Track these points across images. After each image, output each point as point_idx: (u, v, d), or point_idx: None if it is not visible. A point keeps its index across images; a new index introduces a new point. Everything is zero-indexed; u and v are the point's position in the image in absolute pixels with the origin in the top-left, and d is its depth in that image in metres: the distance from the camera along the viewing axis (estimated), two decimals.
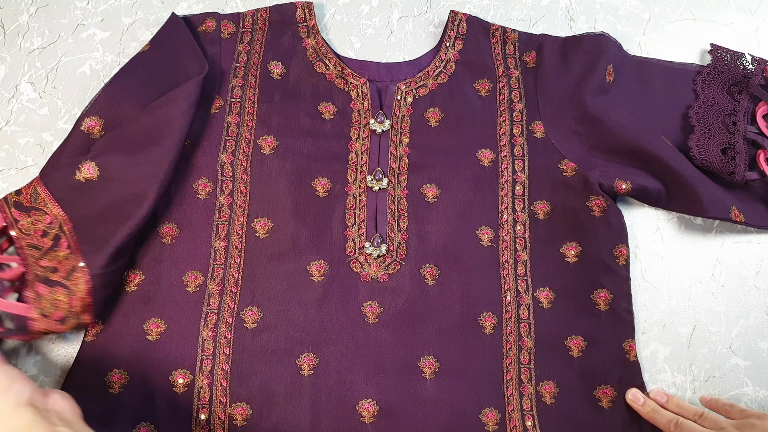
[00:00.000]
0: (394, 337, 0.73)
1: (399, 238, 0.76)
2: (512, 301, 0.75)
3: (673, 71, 0.88)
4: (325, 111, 0.81)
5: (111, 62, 0.86)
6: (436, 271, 0.75)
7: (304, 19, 0.86)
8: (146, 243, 0.74)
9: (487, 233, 0.77)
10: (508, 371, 0.73)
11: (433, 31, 0.90)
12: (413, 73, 0.85)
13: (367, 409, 0.70)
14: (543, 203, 0.79)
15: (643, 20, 0.93)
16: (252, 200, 0.77)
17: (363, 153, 0.80)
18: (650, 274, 0.80)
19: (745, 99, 0.85)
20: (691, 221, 0.82)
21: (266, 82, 0.82)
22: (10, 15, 0.88)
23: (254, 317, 0.73)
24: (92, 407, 0.67)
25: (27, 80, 0.85)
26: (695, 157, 0.80)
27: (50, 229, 0.70)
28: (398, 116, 0.81)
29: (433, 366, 0.72)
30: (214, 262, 0.74)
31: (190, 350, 0.71)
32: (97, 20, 0.89)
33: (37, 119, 0.83)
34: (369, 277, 0.75)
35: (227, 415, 0.69)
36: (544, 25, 0.92)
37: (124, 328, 0.71)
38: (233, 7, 0.90)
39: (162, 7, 0.90)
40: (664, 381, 0.75)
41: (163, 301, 0.72)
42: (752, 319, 0.79)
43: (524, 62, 0.86)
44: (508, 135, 0.82)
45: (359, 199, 0.78)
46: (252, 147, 0.79)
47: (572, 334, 0.74)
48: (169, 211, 0.76)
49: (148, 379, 0.70)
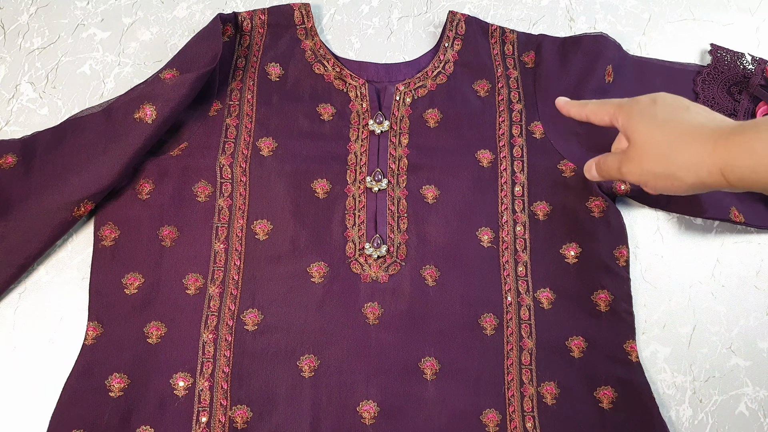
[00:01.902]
0: (394, 338, 0.73)
1: (399, 239, 0.76)
2: (513, 302, 0.75)
3: (673, 71, 0.87)
4: (324, 112, 0.81)
5: (111, 62, 0.86)
6: (436, 272, 0.75)
7: (302, 21, 0.86)
8: (145, 246, 0.75)
9: (487, 234, 0.77)
10: (509, 372, 0.73)
11: (433, 32, 0.90)
12: (412, 73, 0.85)
13: (367, 411, 0.70)
14: (543, 204, 0.79)
15: (643, 20, 0.93)
16: (251, 202, 0.77)
17: (362, 154, 0.80)
18: (650, 274, 0.80)
19: (745, 99, 0.85)
20: (691, 221, 0.82)
21: (264, 84, 0.82)
22: (10, 15, 0.88)
23: (255, 319, 0.73)
24: (92, 411, 0.68)
25: (27, 80, 0.85)
26: None
27: None
28: (397, 117, 0.81)
29: (434, 367, 0.72)
30: (214, 264, 0.74)
31: (190, 353, 0.71)
32: (97, 20, 0.88)
33: (37, 119, 0.83)
34: (369, 278, 0.75)
35: (228, 418, 0.69)
36: (544, 25, 0.91)
37: (124, 331, 0.71)
38: (233, 7, 0.90)
39: (162, 7, 0.90)
40: (664, 381, 0.75)
41: (164, 304, 0.73)
42: (752, 319, 0.79)
43: (523, 62, 0.86)
44: (507, 135, 0.82)
45: (359, 200, 0.78)
46: (251, 149, 0.79)
47: (573, 335, 0.74)
48: (168, 213, 0.76)
49: (148, 382, 0.70)
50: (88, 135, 0.76)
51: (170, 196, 0.76)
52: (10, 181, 0.74)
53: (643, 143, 0.55)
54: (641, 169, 0.55)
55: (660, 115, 0.55)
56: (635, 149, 0.56)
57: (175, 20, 0.89)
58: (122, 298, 0.73)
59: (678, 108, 0.55)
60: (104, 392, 0.69)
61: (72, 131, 0.77)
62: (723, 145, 0.50)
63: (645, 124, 0.55)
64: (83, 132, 0.77)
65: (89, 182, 0.73)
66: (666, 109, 0.55)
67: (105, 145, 0.75)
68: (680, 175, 0.52)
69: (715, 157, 0.50)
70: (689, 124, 0.53)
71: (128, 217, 0.76)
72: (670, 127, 0.53)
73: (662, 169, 0.53)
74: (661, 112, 0.55)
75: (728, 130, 0.51)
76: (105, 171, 0.73)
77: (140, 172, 0.77)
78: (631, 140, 0.57)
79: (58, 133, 0.77)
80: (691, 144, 0.51)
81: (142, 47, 0.88)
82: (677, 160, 0.52)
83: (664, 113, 0.55)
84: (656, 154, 0.54)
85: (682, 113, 0.54)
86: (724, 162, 0.49)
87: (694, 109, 0.54)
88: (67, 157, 0.75)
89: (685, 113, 0.54)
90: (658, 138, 0.54)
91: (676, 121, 0.54)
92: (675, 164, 0.52)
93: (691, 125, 0.53)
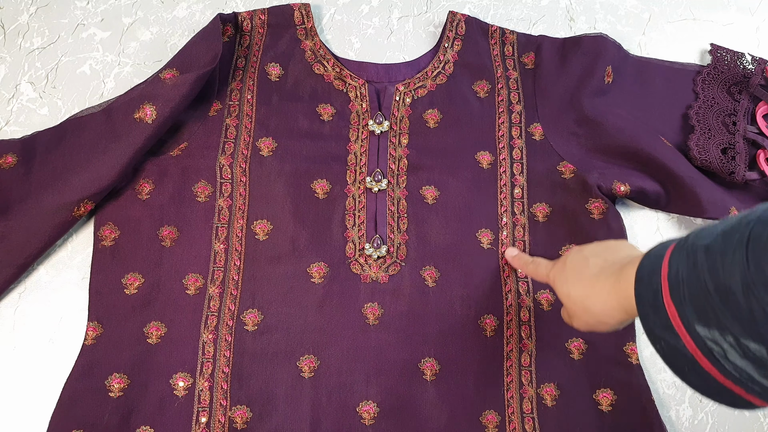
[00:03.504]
0: (394, 338, 0.73)
1: (399, 239, 0.76)
2: (513, 303, 0.75)
3: (673, 71, 0.87)
4: (324, 112, 0.81)
5: (111, 62, 0.86)
6: (436, 272, 0.75)
7: (302, 21, 0.86)
8: (145, 246, 0.75)
9: (487, 236, 0.77)
10: (508, 374, 0.73)
11: (433, 31, 0.90)
12: (412, 74, 0.85)
13: (367, 411, 0.70)
14: (542, 205, 0.79)
15: (643, 20, 0.92)
16: (251, 202, 0.77)
17: (362, 154, 0.80)
18: None
19: (745, 99, 0.85)
20: (691, 221, 0.82)
21: (264, 84, 0.82)
22: (10, 15, 0.88)
23: (254, 320, 0.73)
24: (92, 412, 0.68)
25: (27, 80, 0.84)
26: (695, 157, 0.80)
27: None
28: (397, 117, 0.81)
29: (434, 368, 0.72)
30: (214, 264, 0.74)
31: (190, 353, 0.71)
32: (97, 20, 0.88)
33: (37, 119, 0.82)
34: (369, 279, 0.75)
35: (227, 418, 0.69)
36: (544, 25, 0.91)
37: (124, 331, 0.72)
38: (233, 7, 0.90)
39: (162, 7, 0.90)
40: (664, 381, 0.75)
41: (164, 305, 0.73)
42: None
43: (523, 63, 0.86)
44: (507, 137, 0.82)
45: (359, 201, 0.78)
46: (251, 149, 0.79)
47: (573, 336, 0.74)
48: (168, 213, 0.76)
49: (148, 382, 0.70)
50: (88, 135, 0.76)
51: (170, 196, 0.76)
52: (10, 181, 0.74)
53: (568, 305, 0.59)
54: (580, 322, 0.59)
55: (570, 278, 0.59)
56: (567, 308, 0.60)
57: (175, 20, 0.89)
58: (122, 298, 0.73)
59: (580, 265, 0.58)
60: (104, 392, 0.69)
61: (72, 131, 0.77)
62: (615, 287, 0.52)
63: (563, 289, 0.59)
64: (83, 132, 0.77)
65: (89, 182, 0.73)
66: (573, 271, 0.59)
67: (105, 145, 0.75)
68: (605, 320, 0.55)
69: (614, 297, 0.52)
70: (591, 276, 0.56)
71: (128, 217, 0.76)
72: (580, 286, 0.57)
73: (592, 320, 0.56)
74: (570, 275, 0.59)
75: (617, 269, 0.53)
76: (105, 171, 0.73)
77: (140, 172, 0.77)
78: (562, 302, 0.61)
79: (58, 133, 0.77)
80: (598, 294, 0.54)
81: (142, 47, 0.87)
82: (595, 311, 0.55)
83: (572, 275, 0.59)
84: (580, 310, 0.57)
85: (584, 269, 0.58)
86: (620, 298, 0.52)
87: (592, 260, 0.58)
88: (67, 157, 0.75)
89: (585, 269, 0.57)
90: (574, 298, 0.58)
91: (582, 278, 0.57)
92: (595, 315, 0.55)
93: (592, 277, 0.56)
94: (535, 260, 0.69)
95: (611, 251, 0.58)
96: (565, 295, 0.59)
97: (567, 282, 0.59)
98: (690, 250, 0.43)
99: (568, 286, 0.58)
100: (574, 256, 0.60)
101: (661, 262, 0.45)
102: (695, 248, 0.43)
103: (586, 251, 0.60)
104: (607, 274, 0.54)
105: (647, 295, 0.46)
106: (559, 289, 0.60)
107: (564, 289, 0.59)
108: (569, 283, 0.58)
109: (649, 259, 0.48)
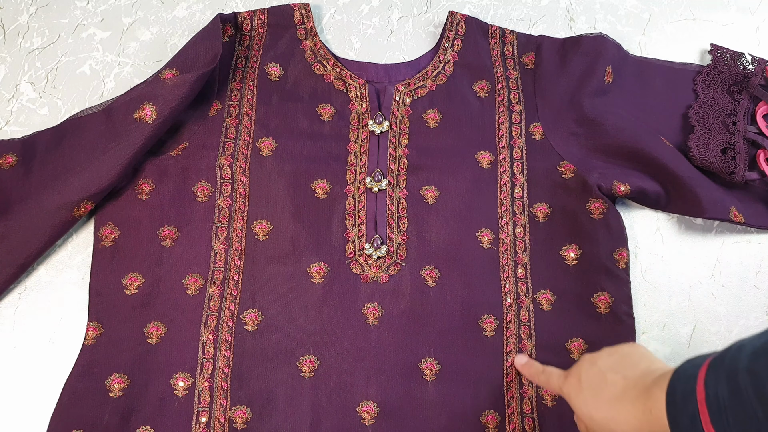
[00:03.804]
0: (394, 338, 0.73)
1: (399, 239, 0.76)
2: (513, 303, 0.75)
3: (673, 71, 0.87)
4: (324, 112, 0.81)
5: (111, 62, 0.86)
6: (436, 272, 0.75)
7: (302, 21, 0.86)
8: (145, 246, 0.75)
9: (487, 235, 0.77)
10: (508, 374, 0.73)
11: (433, 31, 0.90)
12: (412, 74, 0.85)
13: (367, 411, 0.70)
14: (542, 205, 0.79)
15: (643, 20, 0.92)
16: (251, 202, 0.77)
17: (362, 154, 0.80)
18: (650, 274, 0.80)
19: (745, 99, 0.85)
20: (691, 221, 0.82)
21: (264, 84, 0.82)
22: (10, 15, 0.88)
23: (255, 320, 0.73)
24: (92, 412, 0.68)
25: (27, 80, 0.85)
26: (695, 157, 0.80)
27: None
28: (397, 117, 0.81)
29: (434, 368, 0.72)
30: (214, 264, 0.74)
31: (190, 353, 0.71)
32: (97, 20, 0.88)
33: (37, 119, 0.83)
34: (369, 279, 0.75)
35: (227, 418, 0.69)
36: (544, 25, 0.91)
37: (124, 331, 0.72)
38: (233, 7, 0.90)
39: (162, 7, 0.90)
40: None
41: (164, 305, 0.73)
42: (752, 319, 0.79)
43: (523, 63, 0.86)
44: (507, 137, 0.82)
45: (359, 201, 0.78)
46: (251, 149, 0.79)
47: (573, 336, 0.74)
48: (168, 213, 0.76)
49: (148, 382, 0.70)
50: (88, 135, 0.76)
51: (170, 197, 0.76)
52: (10, 181, 0.74)
53: (592, 426, 0.56)
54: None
55: (589, 399, 0.56)
56: (590, 429, 0.57)
57: (175, 20, 0.89)
58: (122, 298, 0.73)
59: (598, 383, 0.56)
60: (104, 392, 0.69)
61: (72, 131, 0.77)
62: (643, 411, 0.50)
63: (584, 410, 0.57)
64: (83, 132, 0.77)
65: (89, 182, 0.73)
66: (591, 390, 0.57)
67: (105, 145, 0.75)
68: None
69: (644, 423, 0.50)
70: (613, 399, 0.54)
71: (128, 217, 0.76)
72: (604, 409, 0.54)
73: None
74: (589, 395, 0.57)
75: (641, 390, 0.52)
76: (105, 171, 0.73)
77: (140, 172, 0.77)
78: (577, 415, 0.59)
79: (58, 133, 0.77)
80: (626, 418, 0.52)
81: (142, 47, 0.87)
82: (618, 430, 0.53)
83: (591, 396, 0.56)
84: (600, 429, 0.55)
85: (603, 388, 0.55)
86: (651, 424, 0.50)
87: (610, 377, 0.55)
88: (67, 157, 0.75)
89: (605, 387, 0.55)
90: (598, 420, 0.55)
91: (603, 400, 0.55)
92: None
93: (615, 399, 0.54)
94: (546, 370, 0.66)
95: (629, 365, 0.56)
96: (587, 417, 0.56)
97: (587, 404, 0.56)
98: (729, 371, 0.41)
99: (589, 408, 0.56)
100: (589, 371, 0.58)
101: (695, 384, 0.43)
102: (735, 370, 0.41)
103: (601, 364, 0.57)
104: (631, 396, 0.52)
105: (683, 420, 0.44)
106: (579, 409, 0.58)
107: (585, 410, 0.56)
108: (590, 405, 0.56)
109: (680, 380, 0.46)
